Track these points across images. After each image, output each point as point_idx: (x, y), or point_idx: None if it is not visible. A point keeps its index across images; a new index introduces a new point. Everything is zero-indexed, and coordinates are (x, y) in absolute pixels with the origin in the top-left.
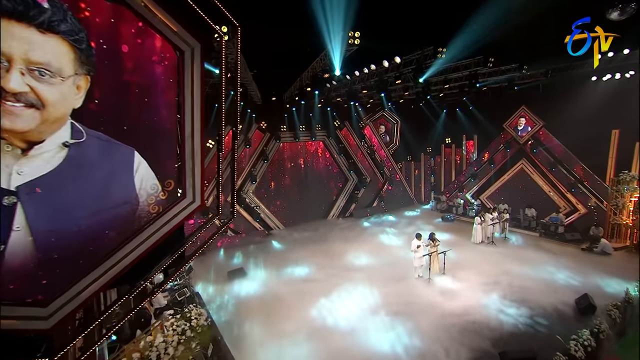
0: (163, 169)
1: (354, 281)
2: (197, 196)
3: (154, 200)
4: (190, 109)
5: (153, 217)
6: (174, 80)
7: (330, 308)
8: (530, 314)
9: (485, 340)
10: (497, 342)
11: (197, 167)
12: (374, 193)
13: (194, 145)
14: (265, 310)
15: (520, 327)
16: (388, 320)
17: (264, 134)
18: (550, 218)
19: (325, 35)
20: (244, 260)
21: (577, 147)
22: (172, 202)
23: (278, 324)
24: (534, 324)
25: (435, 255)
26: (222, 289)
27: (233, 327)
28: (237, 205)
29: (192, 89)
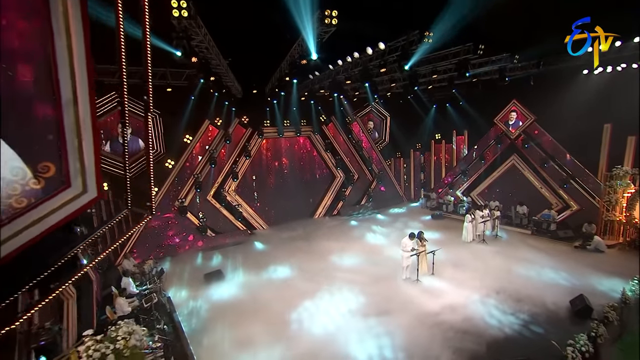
0: (33, 148)
1: (338, 283)
2: (91, 185)
3: (18, 190)
4: (67, 64)
5: (17, 213)
6: (39, 21)
7: (312, 312)
8: (523, 317)
9: (476, 346)
10: (488, 347)
11: (86, 147)
12: (362, 191)
13: (78, 116)
14: (241, 316)
15: (513, 331)
16: (371, 324)
17: (246, 129)
18: (542, 215)
19: (300, 16)
20: (223, 261)
21: (569, 142)
22: (49, 193)
23: (254, 332)
24: (527, 328)
25: (424, 255)
26: (196, 294)
27: (204, 336)
28: (217, 204)
29: (68, 34)
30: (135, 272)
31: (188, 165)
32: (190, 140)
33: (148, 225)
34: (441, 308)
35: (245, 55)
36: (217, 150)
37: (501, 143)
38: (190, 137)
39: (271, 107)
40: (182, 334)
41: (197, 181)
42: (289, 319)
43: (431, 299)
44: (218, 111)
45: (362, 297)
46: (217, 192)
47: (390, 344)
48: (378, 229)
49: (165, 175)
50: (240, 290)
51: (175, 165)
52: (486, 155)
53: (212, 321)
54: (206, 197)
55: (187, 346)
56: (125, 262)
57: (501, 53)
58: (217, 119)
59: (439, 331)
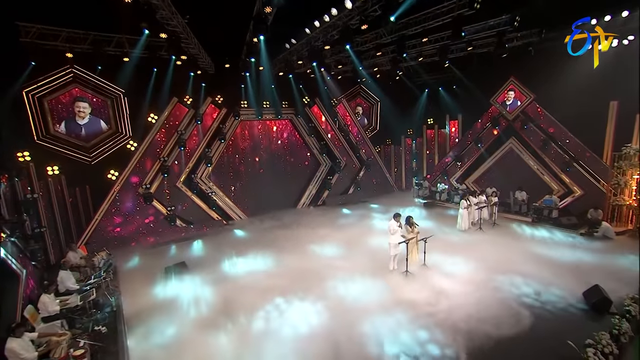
0: None
1: (317, 276)
2: None
3: None
4: None
5: None
6: None
7: (284, 310)
8: (529, 313)
9: (476, 350)
10: (492, 351)
11: None
12: (350, 179)
13: None
14: (202, 314)
15: (519, 331)
16: (353, 322)
17: (220, 109)
18: (544, 201)
19: None
20: (190, 253)
21: (572, 122)
22: None
23: (214, 333)
24: (536, 327)
25: (414, 244)
26: (151, 289)
27: (150, 338)
28: (188, 191)
29: None
30: (83, 266)
31: (153, 147)
32: (156, 120)
33: (107, 214)
34: (434, 304)
35: (206, 15)
36: (187, 131)
37: (498, 125)
38: (156, 116)
39: (246, 85)
40: (123, 337)
41: (164, 165)
42: (255, 317)
43: (424, 294)
44: (187, 88)
45: (346, 292)
46: (188, 179)
47: (376, 347)
48: (366, 220)
49: (127, 158)
50: (206, 284)
51: (139, 147)
52: (482, 139)
53: (163, 321)
54: (175, 184)
55: (124, 352)
56: (70, 254)
57: (500, 15)
58: (186, 97)
59: (435, 330)
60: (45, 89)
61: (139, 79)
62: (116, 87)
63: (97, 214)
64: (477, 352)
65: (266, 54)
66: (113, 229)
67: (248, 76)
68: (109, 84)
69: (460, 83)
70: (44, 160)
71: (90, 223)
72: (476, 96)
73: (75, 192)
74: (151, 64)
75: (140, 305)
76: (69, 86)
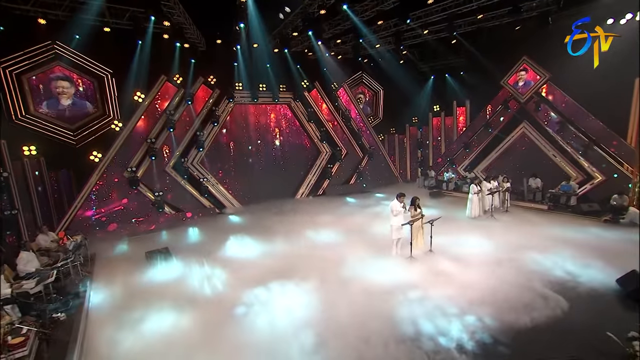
0: None
1: (311, 262)
2: None
3: None
4: None
5: None
6: None
7: (267, 301)
8: (556, 301)
9: (498, 345)
10: (519, 345)
11: None
12: (352, 168)
13: None
14: (177, 303)
15: (549, 322)
16: (352, 314)
17: (213, 90)
18: (561, 187)
19: None
20: (177, 240)
21: (590, 102)
22: None
23: (187, 326)
24: (566, 318)
25: (420, 227)
26: (130, 276)
27: (113, 329)
28: (178, 176)
29: None
30: (54, 250)
31: (140, 128)
32: (143, 99)
33: (89, 199)
34: (447, 293)
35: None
36: (177, 112)
37: (509, 108)
38: (143, 94)
39: (239, 63)
40: (80, 326)
41: (152, 148)
42: (234, 310)
43: (432, 282)
44: (173, 61)
45: (344, 280)
46: (179, 163)
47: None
48: (369, 210)
49: (111, 139)
50: (189, 270)
51: (125, 127)
52: (492, 125)
53: (137, 308)
54: (164, 168)
55: (77, 343)
56: (40, 237)
57: None
58: (176, 76)
59: (448, 323)
60: (24, 66)
61: (122, 52)
62: (103, 66)
63: (79, 198)
64: (502, 345)
65: (258, 20)
66: (95, 214)
67: (240, 52)
68: (95, 63)
69: (468, 68)
70: (19, 140)
71: (71, 207)
72: (486, 79)
73: (57, 175)
74: (135, 36)
75: (115, 292)
76: (50, 64)
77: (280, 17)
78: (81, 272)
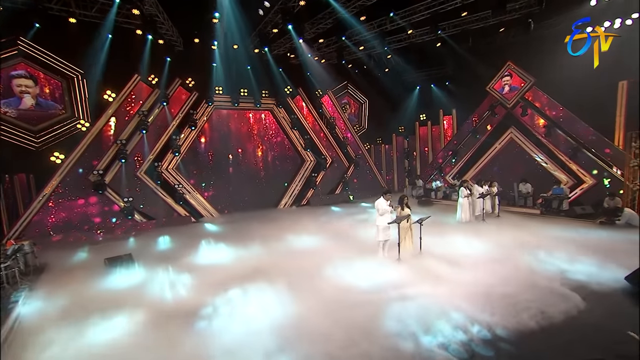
0: None
1: (288, 266)
2: None
3: None
4: None
5: None
6: None
7: (233, 306)
8: (564, 298)
9: (505, 349)
10: (524, 346)
11: None
12: (337, 178)
13: None
14: (131, 310)
15: (558, 320)
16: (327, 319)
17: (191, 93)
18: (553, 190)
19: None
20: (143, 247)
21: (577, 106)
22: None
23: (133, 337)
24: (579, 319)
25: (408, 229)
26: (82, 283)
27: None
28: (151, 182)
29: None
30: None
31: (109, 129)
32: (113, 98)
33: (48, 204)
34: (441, 298)
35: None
36: (152, 114)
37: (496, 114)
38: (113, 93)
39: (217, 63)
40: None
41: (122, 150)
42: (193, 316)
43: (422, 282)
44: (152, 66)
45: (322, 284)
46: (152, 168)
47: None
48: (355, 218)
49: (76, 140)
50: (151, 277)
51: (92, 127)
52: (479, 132)
53: (81, 320)
54: (136, 173)
55: None
56: None
57: None
58: (151, 76)
59: (444, 329)
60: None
61: (90, 46)
62: (73, 66)
63: (35, 202)
64: (509, 347)
65: (237, 18)
66: (55, 220)
67: (219, 53)
68: (65, 63)
69: (454, 78)
70: None
71: (25, 213)
72: (471, 87)
73: (13, 178)
74: (104, 28)
75: (57, 303)
76: (11, 60)
77: (260, 13)
78: (20, 281)
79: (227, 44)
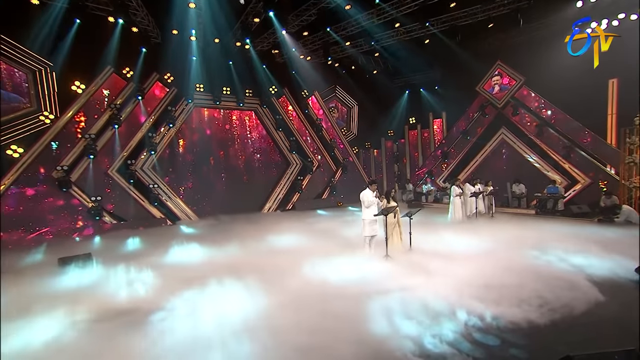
0: None
1: (264, 264)
2: None
3: None
4: None
5: None
6: None
7: (198, 305)
8: (574, 291)
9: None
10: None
11: None
12: (324, 182)
13: None
14: (78, 311)
15: (565, 314)
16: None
17: (169, 88)
18: (548, 189)
19: None
20: (108, 248)
21: (568, 104)
22: None
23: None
24: (591, 309)
25: (395, 224)
26: (29, 284)
27: None
28: (124, 181)
29: None
30: None
31: (78, 122)
32: (83, 90)
33: (2, 201)
34: (436, 298)
35: None
36: (126, 108)
37: (486, 115)
38: (83, 85)
39: (199, 60)
40: None
41: (91, 146)
42: (149, 317)
43: (413, 277)
44: (126, 58)
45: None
46: (125, 166)
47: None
48: (343, 220)
49: (39, 132)
50: (107, 277)
51: (57, 120)
52: (469, 133)
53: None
54: (106, 171)
55: None
56: None
57: None
58: (125, 69)
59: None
60: None
61: (56, 33)
62: (41, 57)
63: None
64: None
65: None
66: (10, 218)
67: (197, 45)
68: (31, 53)
69: (443, 81)
70: None
71: None
72: (461, 89)
73: None
74: (71, 13)
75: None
76: None
77: (241, 1)
78: None
79: (207, 36)
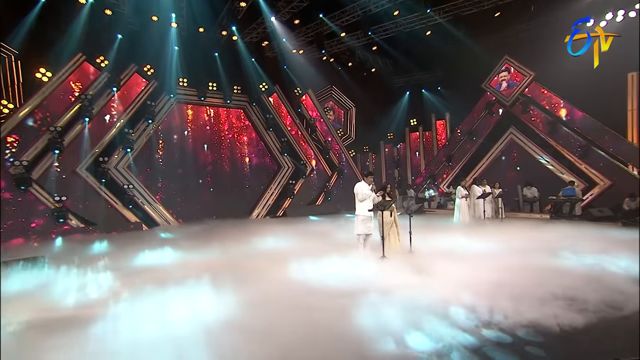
0: None
1: (244, 266)
2: None
3: None
4: None
5: None
6: None
7: (156, 308)
8: (603, 296)
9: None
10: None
11: None
12: (318, 187)
13: None
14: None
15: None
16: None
17: (149, 81)
18: (564, 192)
19: None
20: (68, 251)
21: (583, 100)
22: None
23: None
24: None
25: (392, 223)
26: None
27: None
28: (94, 180)
29: None
30: None
31: (42, 113)
32: (49, 78)
33: None
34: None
35: None
36: (98, 100)
37: (493, 114)
38: (49, 73)
39: (182, 50)
40: None
41: (55, 139)
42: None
43: (412, 280)
44: (101, 46)
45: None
46: (96, 164)
47: None
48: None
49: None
50: (56, 280)
51: (19, 109)
52: (475, 134)
53: None
54: (75, 169)
55: None
56: None
57: None
58: (99, 57)
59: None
60: None
61: (16, 10)
62: (5, 45)
63: None
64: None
65: None
66: None
67: (178, 31)
68: None
69: (446, 81)
70: None
71: None
72: (465, 88)
73: None
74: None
75: None
76: None
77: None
78: None
79: (190, 24)
